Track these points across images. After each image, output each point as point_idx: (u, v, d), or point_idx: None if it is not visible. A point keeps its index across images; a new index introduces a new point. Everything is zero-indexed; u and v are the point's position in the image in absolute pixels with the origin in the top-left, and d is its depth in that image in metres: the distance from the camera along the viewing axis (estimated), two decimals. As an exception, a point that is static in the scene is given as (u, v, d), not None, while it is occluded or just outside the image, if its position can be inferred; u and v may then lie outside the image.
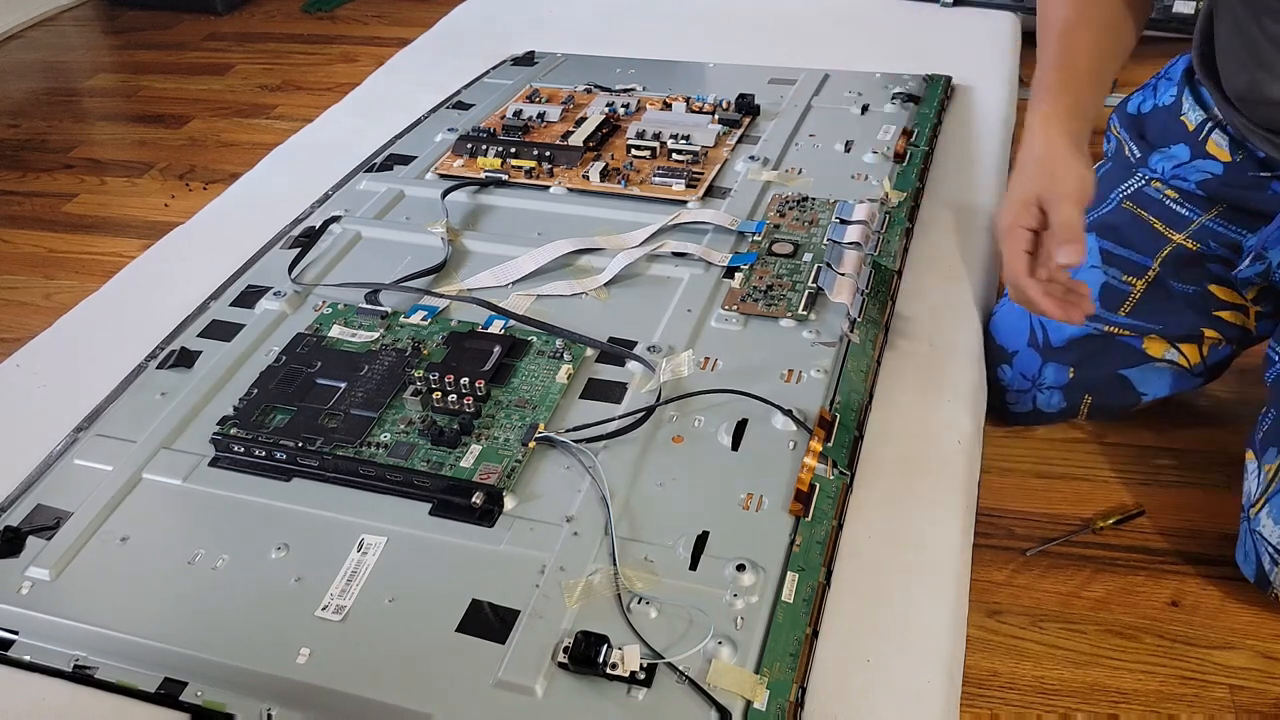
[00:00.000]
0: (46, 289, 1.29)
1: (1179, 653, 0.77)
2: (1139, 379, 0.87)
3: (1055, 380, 0.89)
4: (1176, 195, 0.85)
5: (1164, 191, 0.86)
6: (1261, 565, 0.76)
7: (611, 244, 0.92)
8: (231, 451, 0.71)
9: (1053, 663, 0.76)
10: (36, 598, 0.63)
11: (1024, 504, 0.89)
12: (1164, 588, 0.82)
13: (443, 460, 0.69)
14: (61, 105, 1.85)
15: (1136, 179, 0.88)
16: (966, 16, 1.50)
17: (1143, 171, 0.88)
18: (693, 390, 0.75)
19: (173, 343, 0.84)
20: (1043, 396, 0.90)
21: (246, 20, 2.23)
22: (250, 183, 1.18)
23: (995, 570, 0.83)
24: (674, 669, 0.56)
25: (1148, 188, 0.86)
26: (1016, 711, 0.73)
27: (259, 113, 1.77)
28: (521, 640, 0.58)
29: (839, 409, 0.74)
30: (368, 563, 0.64)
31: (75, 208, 1.49)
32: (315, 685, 0.57)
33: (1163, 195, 0.86)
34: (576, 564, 0.62)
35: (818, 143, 1.11)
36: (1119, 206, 0.88)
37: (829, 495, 0.67)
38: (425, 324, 0.83)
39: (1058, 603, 0.80)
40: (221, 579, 0.63)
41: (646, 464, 0.69)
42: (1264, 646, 0.77)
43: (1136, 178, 0.88)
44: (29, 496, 0.70)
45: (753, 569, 0.61)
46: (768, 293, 0.85)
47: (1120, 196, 0.88)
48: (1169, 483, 0.91)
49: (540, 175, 1.05)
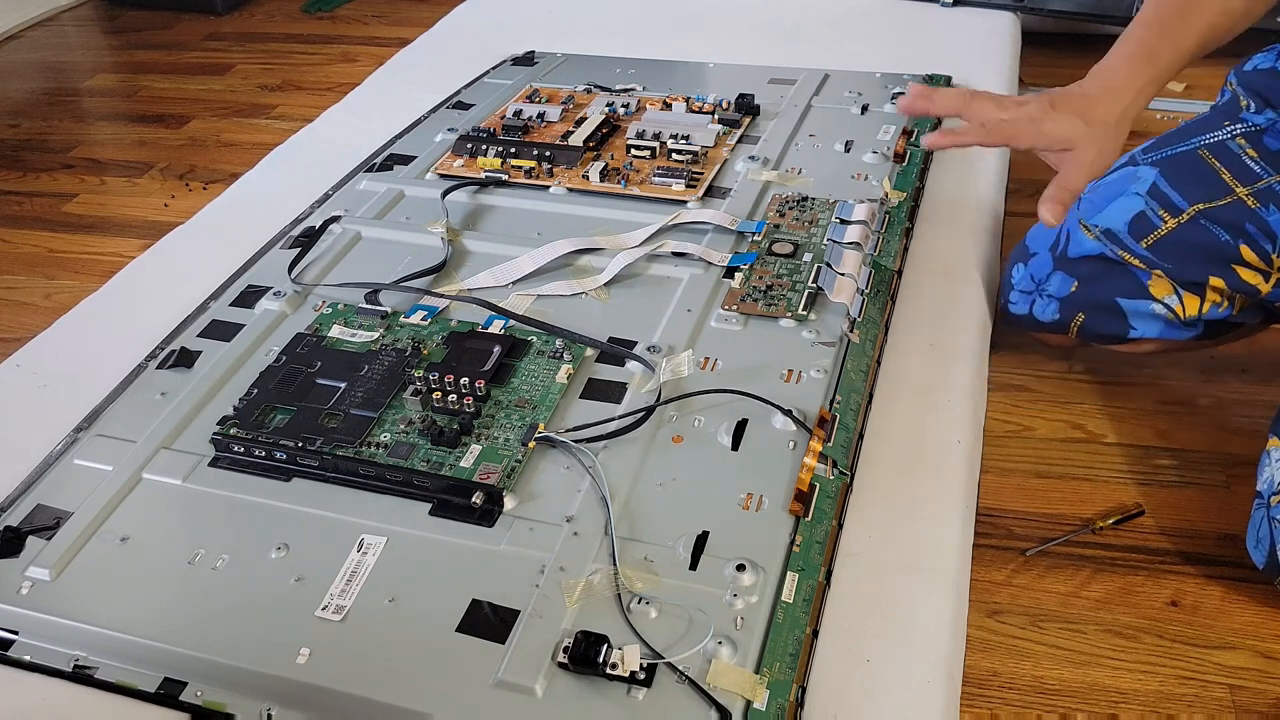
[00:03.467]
0: (46, 289, 1.29)
1: (1179, 653, 0.77)
2: (1133, 313, 0.89)
3: (1058, 290, 0.90)
4: (1256, 155, 0.85)
5: (1245, 150, 0.86)
6: (1275, 552, 0.76)
7: (611, 244, 0.92)
8: (231, 451, 0.71)
9: (1052, 663, 0.76)
10: (36, 598, 0.63)
11: (1024, 504, 0.89)
12: (1164, 588, 0.82)
13: (443, 460, 0.69)
14: (61, 105, 1.85)
15: (1224, 132, 0.88)
16: (966, 16, 1.50)
17: (1234, 128, 0.87)
18: (693, 390, 0.75)
19: (173, 343, 0.84)
20: (1041, 303, 0.92)
21: (246, 20, 2.23)
22: (250, 183, 1.18)
23: (995, 570, 0.83)
24: (674, 669, 0.56)
25: (1231, 142, 0.86)
26: (1016, 711, 0.73)
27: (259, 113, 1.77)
28: (521, 640, 0.58)
29: (839, 409, 0.74)
30: (368, 563, 0.64)
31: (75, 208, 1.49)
32: (315, 685, 0.57)
33: (1243, 152, 0.86)
34: (576, 564, 0.62)
35: (817, 143, 1.11)
36: (1194, 151, 0.88)
37: (829, 495, 0.67)
38: (425, 324, 0.83)
39: (1057, 603, 0.80)
40: (221, 579, 0.63)
41: (646, 464, 0.69)
42: (1264, 646, 0.77)
43: (1224, 131, 0.88)
44: (29, 496, 0.70)
45: (753, 569, 0.61)
46: (768, 293, 0.85)
47: (1200, 143, 0.88)
48: (1169, 483, 0.91)
49: (540, 175, 1.05)
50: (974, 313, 0.91)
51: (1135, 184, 0.88)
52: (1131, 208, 0.88)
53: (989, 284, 0.96)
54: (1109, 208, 0.89)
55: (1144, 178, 0.88)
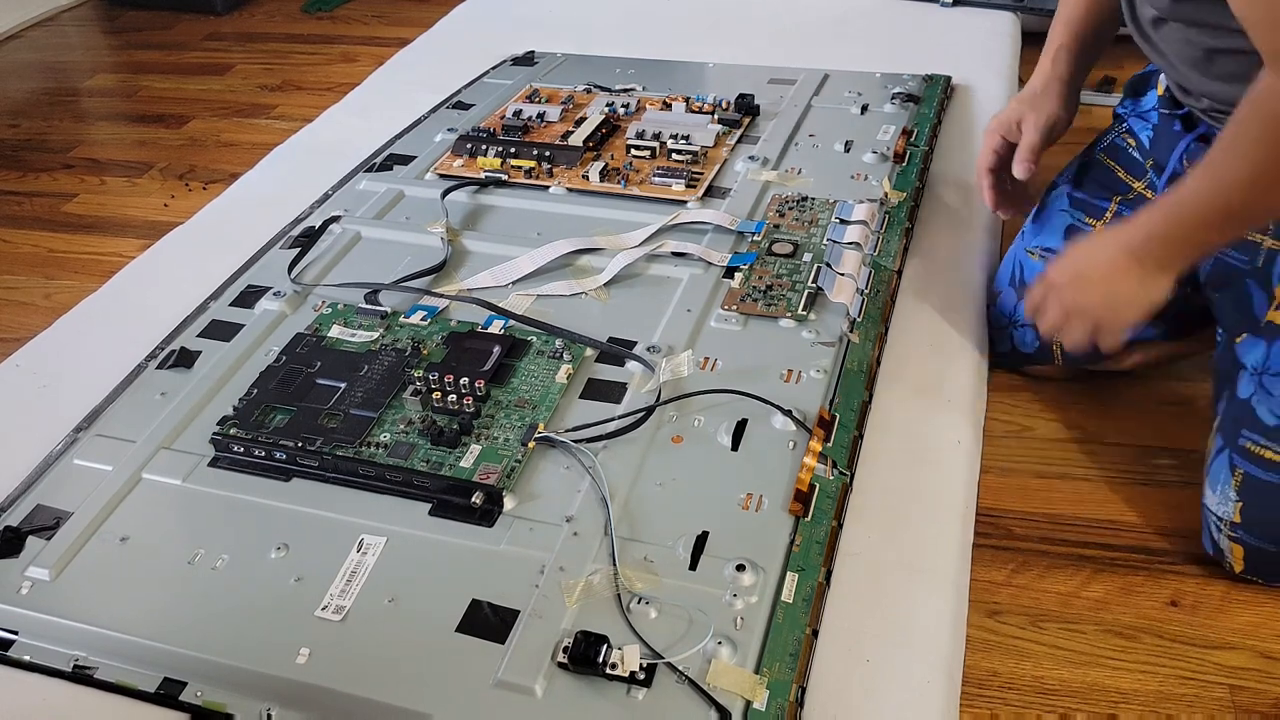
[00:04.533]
0: (46, 289, 1.29)
1: (1178, 653, 0.77)
2: None
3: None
4: (1135, 144, 0.91)
5: (1128, 141, 0.92)
6: (1214, 537, 0.79)
7: (611, 244, 0.92)
8: (231, 451, 0.71)
9: (1052, 663, 0.76)
10: (36, 598, 0.63)
11: (1024, 504, 0.89)
12: (1164, 588, 0.81)
13: (443, 460, 0.69)
14: (61, 105, 1.85)
15: (1114, 132, 0.94)
16: (966, 16, 1.50)
17: (1121, 125, 0.94)
18: (692, 390, 0.75)
19: (173, 343, 0.84)
20: (1018, 334, 0.94)
21: (246, 20, 2.23)
22: (250, 183, 1.18)
23: (995, 570, 0.83)
24: (674, 669, 0.56)
25: (1119, 139, 0.93)
26: (1016, 711, 0.73)
27: (259, 113, 1.77)
28: (521, 640, 0.58)
29: (839, 409, 0.74)
30: (367, 563, 0.64)
31: (75, 208, 1.49)
32: (315, 685, 0.57)
33: (1127, 144, 0.92)
34: (576, 564, 0.62)
35: (817, 143, 1.11)
36: (1095, 157, 0.94)
37: (829, 495, 0.67)
38: (425, 324, 0.83)
39: (1057, 603, 0.80)
40: (221, 579, 0.63)
41: (646, 464, 0.69)
42: (1264, 646, 0.77)
43: (1114, 131, 0.94)
44: (29, 496, 0.70)
45: (753, 569, 0.61)
46: (767, 293, 0.85)
47: (1100, 148, 0.95)
48: (1169, 483, 0.91)
49: (540, 175, 1.05)
50: (974, 313, 0.91)
51: (1059, 201, 0.94)
52: (1062, 223, 0.92)
53: (989, 284, 0.96)
54: (1044, 229, 0.94)
55: (1063, 193, 0.94)
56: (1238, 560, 0.78)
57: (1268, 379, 0.75)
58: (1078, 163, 0.96)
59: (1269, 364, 0.75)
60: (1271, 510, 0.75)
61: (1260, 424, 0.75)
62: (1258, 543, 0.76)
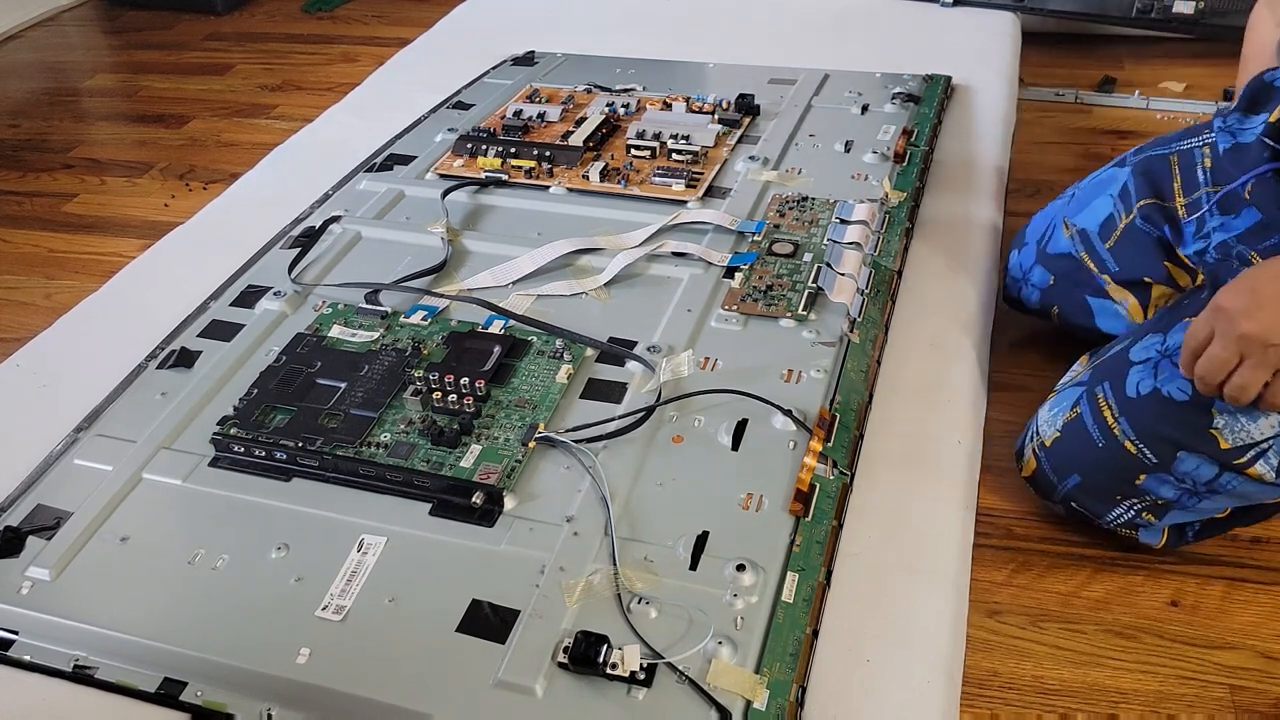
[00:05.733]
0: (46, 289, 1.29)
1: (1179, 653, 0.77)
2: (1098, 310, 0.91)
3: (1038, 281, 0.94)
4: (1209, 157, 0.84)
5: (1205, 158, 0.85)
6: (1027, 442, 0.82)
7: (611, 244, 0.92)
8: (231, 451, 0.71)
9: (1052, 663, 0.76)
10: (36, 598, 0.63)
11: (1024, 504, 0.89)
12: (1164, 588, 0.81)
13: (443, 460, 0.69)
14: (61, 105, 1.85)
15: (1197, 137, 0.87)
16: (966, 16, 1.50)
17: (1208, 135, 0.86)
18: (693, 390, 0.75)
19: (173, 343, 0.84)
20: (1026, 290, 0.96)
21: (246, 20, 2.23)
22: (250, 183, 1.18)
23: (995, 570, 0.83)
24: (674, 669, 0.56)
25: (1197, 149, 0.86)
26: (1016, 711, 0.73)
27: (259, 113, 1.77)
28: (521, 640, 0.58)
29: (839, 409, 0.74)
30: (368, 563, 0.64)
31: (75, 208, 1.49)
32: (315, 685, 0.57)
33: (1201, 156, 0.85)
34: (576, 564, 0.62)
35: (818, 143, 1.11)
36: (1167, 156, 0.88)
37: (829, 495, 0.67)
38: (425, 324, 0.83)
39: (1057, 603, 0.80)
40: (221, 579, 0.63)
41: (646, 464, 0.69)
42: (1264, 646, 0.77)
43: (1198, 136, 0.87)
44: (29, 496, 0.70)
45: (753, 569, 0.61)
46: (768, 293, 0.85)
47: (1175, 148, 0.87)
48: (1169, 483, 0.91)
49: (540, 175, 1.05)
50: (974, 313, 0.91)
51: (1112, 185, 0.90)
52: (1104, 210, 0.90)
53: (989, 284, 0.96)
54: (1087, 209, 0.91)
55: (1119, 179, 0.90)
56: (1028, 470, 0.82)
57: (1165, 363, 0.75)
58: (1150, 152, 0.89)
59: (1169, 348, 0.75)
60: (1074, 455, 0.78)
61: (1122, 389, 0.75)
62: (1049, 471, 0.79)
